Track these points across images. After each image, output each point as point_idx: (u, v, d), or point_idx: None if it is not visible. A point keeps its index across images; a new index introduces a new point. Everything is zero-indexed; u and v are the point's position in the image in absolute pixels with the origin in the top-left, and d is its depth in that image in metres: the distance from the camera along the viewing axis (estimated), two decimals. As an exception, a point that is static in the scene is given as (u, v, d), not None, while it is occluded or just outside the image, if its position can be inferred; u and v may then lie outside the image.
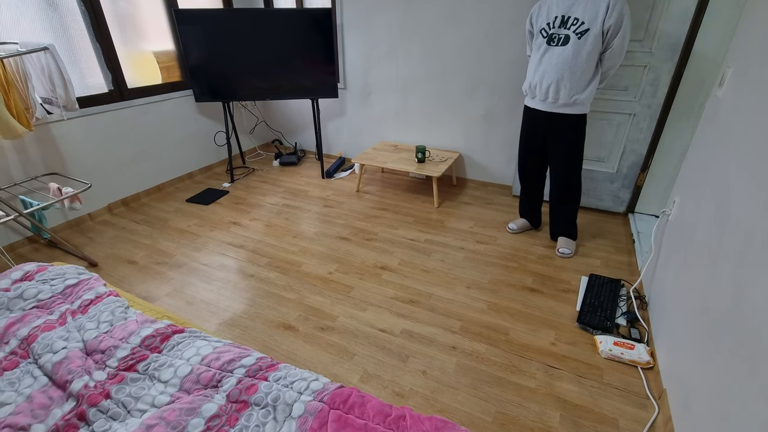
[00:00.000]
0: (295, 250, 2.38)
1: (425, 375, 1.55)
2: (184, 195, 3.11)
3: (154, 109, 2.99)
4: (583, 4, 1.81)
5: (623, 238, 2.47)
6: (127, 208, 2.90)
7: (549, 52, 1.93)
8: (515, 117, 2.86)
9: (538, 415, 1.39)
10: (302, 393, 0.98)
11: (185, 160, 3.33)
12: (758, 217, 1.02)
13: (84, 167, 2.60)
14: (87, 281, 1.41)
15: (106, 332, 1.18)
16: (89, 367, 1.07)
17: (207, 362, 1.08)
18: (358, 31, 3.19)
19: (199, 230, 2.61)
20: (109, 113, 2.69)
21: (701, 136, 1.66)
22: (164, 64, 3.09)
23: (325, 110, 3.67)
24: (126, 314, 1.27)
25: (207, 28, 2.89)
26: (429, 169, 2.85)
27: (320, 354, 1.65)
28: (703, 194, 1.45)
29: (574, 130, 2.04)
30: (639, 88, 2.36)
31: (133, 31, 2.83)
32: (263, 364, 1.07)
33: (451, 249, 2.38)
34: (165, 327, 1.20)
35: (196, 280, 2.12)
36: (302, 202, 3.01)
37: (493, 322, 1.82)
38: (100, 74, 2.66)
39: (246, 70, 3.06)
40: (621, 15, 1.76)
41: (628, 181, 2.61)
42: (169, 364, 1.07)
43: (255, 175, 3.52)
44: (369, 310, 1.89)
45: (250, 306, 1.93)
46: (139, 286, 2.08)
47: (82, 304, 1.30)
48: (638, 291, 1.94)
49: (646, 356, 1.54)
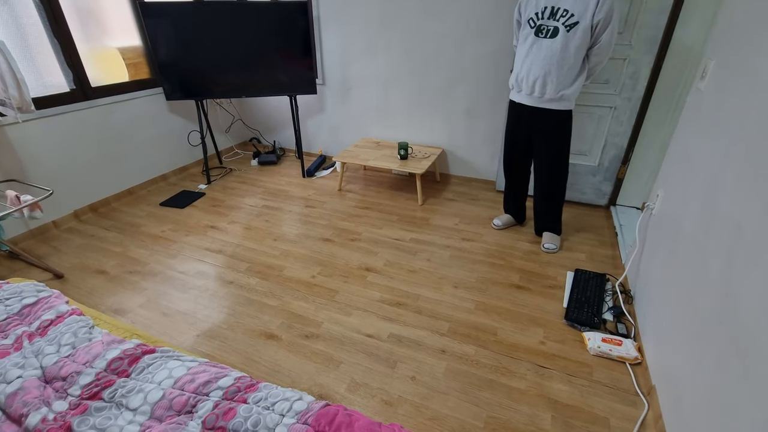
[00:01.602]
0: (277, 253, 2.30)
1: (414, 381, 1.50)
2: (157, 198, 2.97)
3: (121, 109, 2.83)
4: None
5: (606, 231, 2.48)
6: (96, 214, 2.74)
7: (537, 44, 1.88)
8: (498, 111, 2.83)
9: (530, 417, 1.36)
10: (284, 415, 0.92)
11: (157, 162, 3.18)
12: (746, 210, 1.01)
13: (45, 172, 2.44)
14: (47, 299, 1.30)
15: (67, 356, 1.09)
16: (48, 397, 0.98)
17: (180, 385, 1.00)
18: (336, 24, 3.09)
19: (173, 235, 2.49)
20: (71, 114, 2.53)
21: (684, 130, 1.65)
22: (131, 60, 2.93)
23: (304, 107, 3.56)
24: (91, 335, 1.17)
25: (176, 22, 2.74)
26: (412, 165, 2.80)
27: (305, 363, 1.58)
28: (688, 188, 1.44)
29: (559, 126, 2.01)
30: (619, 81, 2.36)
31: (96, 26, 2.66)
32: (242, 385, 1.00)
33: (436, 247, 2.34)
34: (134, 347, 1.11)
35: (171, 290, 2.01)
36: (283, 202, 2.91)
37: (481, 322, 1.79)
38: (59, 72, 2.49)
39: (219, 66, 2.93)
40: (611, 9, 1.72)
41: (609, 174, 2.62)
42: (138, 389, 0.99)
43: (233, 175, 3.40)
44: (354, 315, 1.83)
45: (229, 315, 1.84)
46: (109, 298, 1.96)
47: (41, 325, 1.19)
48: (623, 285, 1.95)
49: (633, 352, 1.54)
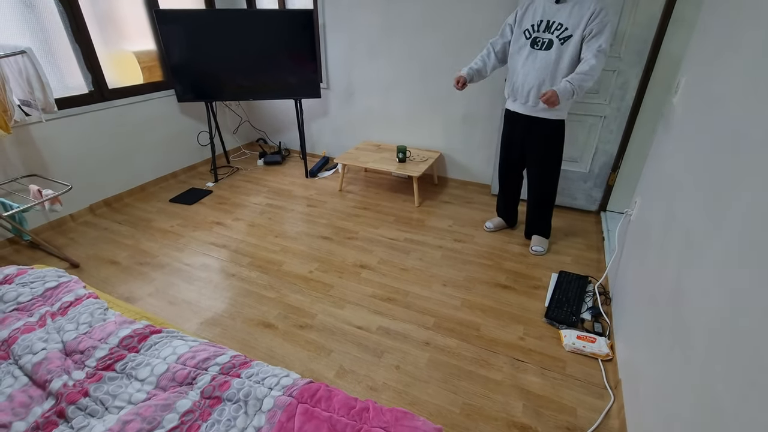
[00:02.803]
0: (277, 249, 2.43)
1: (398, 369, 1.62)
2: (167, 195, 3.13)
3: (135, 110, 2.99)
4: (568, 10, 1.84)
5: (594, 236, 2.57)
6: (110, 208, 2.91)
7: (532, 55, 1.97)
8: (494, 117, 2.94)
9: (503, 405, 1.47)
10: (272, 388, 1.04)
11: (168, 160, 3.35)
12: (695, 217, 1.11)
13: (65, 168, 2.61)
14: (67, 284, 1.44)
15: (85, 333, 1.23)
16: (68, 367, 1.12)
17: (183, 361, 1.13)
18: (341, 32, 3.23)
19: (182, 230, 2.64)
20: (89, 114, 2.70)
21: (658, 141, 1.75)
22: (145, 64, 3.09)
23: (309, 110, 3.70)
24: (105, 316, 1.31)
25: (189, 29, 2.90)
26: (410, 168, 2.92)
27: (298, 351, 1.71)
28: (657, 196, 1.54)
29: (552, 135, 2.10)
30: (609, 92, 2.45)
31: (114, 32, 2.83)
32: (237, 362, 1.13)
33: (429, 247, 2.45)
34: (143, 327, 1.25)
35: (178, 280, 2.16)
36: (286, 201, 3.05)
37: (465, 318, 1.90)
38: (79, 75, 2.66)
39: (228, 70, 3.08)
40: (604, 25, 1.78)
41: (600, 181, 2.71)
42: (146, 363, 1.13)
43: (239, 174, 3.55)
44: (347, 308, 1.96)
45: (230, 305, 1.98)
46: (121, 286, 2.11)
47: (62, 306, 1.34)
48: (603, 287, 2.04)
49: (605, 349, 1.64)
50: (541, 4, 1.92)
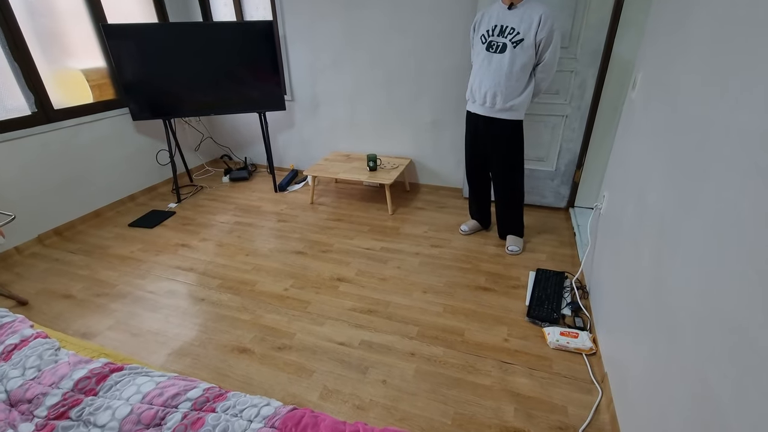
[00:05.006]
0: (249, 268, 2.32)
1: (385, 384, 1.56)
2: (125, 219, 2.93)
3: (86, 130, 2.80)
4: (519, 15, 1.94)
5: (566, 231, 2.63)
6: (61, 237, 2.69)
7: (488, 59, 2.04)
8: (461, 121, 2.96)
9: (494, 411, 1.44)
10: (252, 421, 0.96)
11: (125, 182, 3.15)
12: (667, 205, 1.13)
13: (7, 197, 2.38)
14: (10, 324, 1.29)
15: (33, 379, 1.09)
16: (14, 420, 0.98)
17: (149, 400, 1.02)
18: (303, 42, 3.18)
19: (143, 255, 2.47)
20: (34, 137, 2.49)
21: (621, 135, 1.81)
22: (95, 82, 2.91)
23: (274, 123, 3.61)
24: (57, 356, 1.17)
25: (141, 44, 2.76)
26: (381, 176, 2.88)
27: (277, 375, 1.61)
28: (626, 187, 1.58)
29: (510, 134, 2.15)
30: (569, 92, 2.53)
31: (58, 49, 2.65)
32: (211, 395, 1.03)
33: (406, 255, 2.42)
34: (101, 366, 1.12)
35: (141, 310, 2.00)
36: (255, 218, 2.94)
37: (449, 324, 1.86)
38: (20, 95, 2.46)
39: (187, 85, 2.96)
40: (551, 30, 1.89)
41: (566, 178, 2.78)
42: (106, 406, 1.01)
43: (204, 193, 3.39)
44: (327, 324, 1.88)
45: (201, 332, 1.85)
46: (77, 322, 1.93)
47: (5, 350, 1.19)
48: (580, 281, 2.07)
49: (589, 343, 1.65)
50: (496, 10, 2.02)
